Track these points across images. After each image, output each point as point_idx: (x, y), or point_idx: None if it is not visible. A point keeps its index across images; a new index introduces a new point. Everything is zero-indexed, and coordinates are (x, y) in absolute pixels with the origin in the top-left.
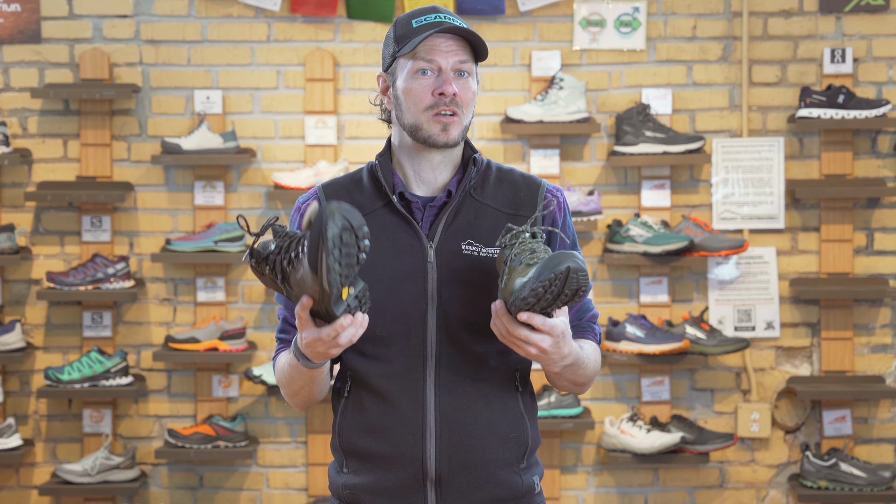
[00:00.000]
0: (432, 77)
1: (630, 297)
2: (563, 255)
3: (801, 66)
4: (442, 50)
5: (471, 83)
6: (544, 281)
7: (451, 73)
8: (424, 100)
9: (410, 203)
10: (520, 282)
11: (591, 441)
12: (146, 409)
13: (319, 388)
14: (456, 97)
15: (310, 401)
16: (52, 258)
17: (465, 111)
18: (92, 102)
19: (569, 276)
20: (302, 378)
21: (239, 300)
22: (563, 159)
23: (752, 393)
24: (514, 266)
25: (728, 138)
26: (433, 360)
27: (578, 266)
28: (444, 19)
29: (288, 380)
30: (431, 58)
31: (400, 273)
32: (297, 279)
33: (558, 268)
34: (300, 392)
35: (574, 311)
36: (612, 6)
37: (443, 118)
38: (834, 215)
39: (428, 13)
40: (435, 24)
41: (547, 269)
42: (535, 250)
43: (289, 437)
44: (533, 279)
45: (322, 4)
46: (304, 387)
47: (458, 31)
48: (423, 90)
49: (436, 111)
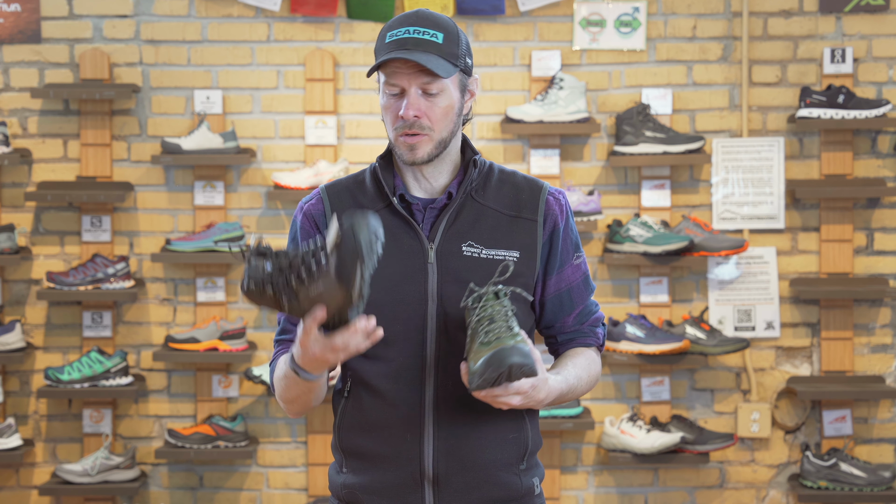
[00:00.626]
0: (398, 98)
1: (630, 297)
2: (506, 351)
3: (801, 66)
4: (404, 72)
5: (440, 101)
6: (489, 378)
7: (417, 93)
8: (392, 120)
9: (411, 205)
10: (472, 367)
11: (591, 441)
12: (146, 409)
13: (316, 397)
14: (420, 119)
15: (305, 409)
16: (52, 258)
17: (436, 128)
18: (92, 102)
19: (511, 372)
20: (299, 388)
21: (239, 300)
22: (563, 159)
23: (752, 393)
24: (474, 335)
25: (728, 138)
26: (433, 361)
27: (522, 362)
28: (412, 35)
29: (284, 389)
30: (394, 81)
31: (401, 274)
32: (313, 294)
33: (500, 367)
34: (296, 401)
35: (574, 315)
36: (612, 6)
37: (408, 140)
38: (834, 215)
39: (403, 24)
40: (398, 44)
41: (491, 366)
42: (494, 318)
43: (289, 437)
44: (479, 373)
45: (322, 4)
46: (300, 396)
47: (402, 57)
48: (392, 111)
49: (401, 132)
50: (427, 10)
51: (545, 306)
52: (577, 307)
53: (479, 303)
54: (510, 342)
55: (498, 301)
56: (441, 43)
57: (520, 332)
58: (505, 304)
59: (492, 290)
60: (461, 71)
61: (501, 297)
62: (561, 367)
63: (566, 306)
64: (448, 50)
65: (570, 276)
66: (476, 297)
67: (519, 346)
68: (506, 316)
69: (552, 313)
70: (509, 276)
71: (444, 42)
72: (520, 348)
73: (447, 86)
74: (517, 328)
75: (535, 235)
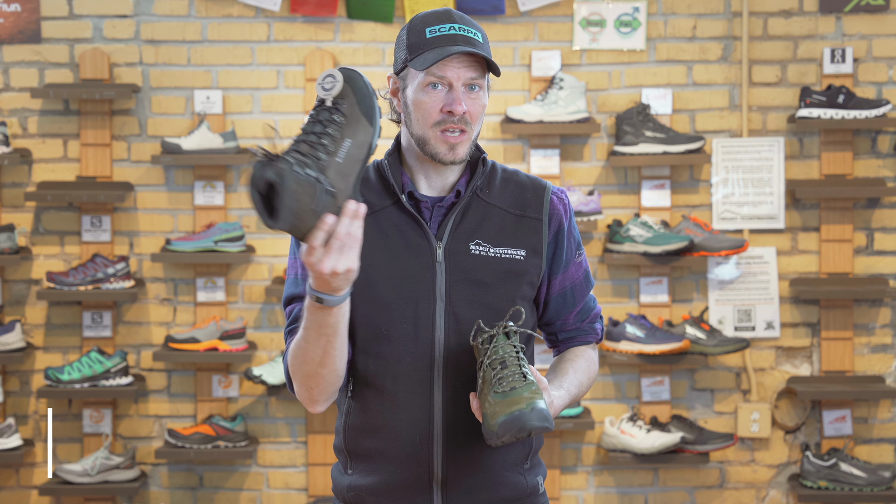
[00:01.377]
0: (442, 92)
1: (630, 297)
2: (525, 417)
3: (801, 66)
4: (454, 65)
5: (482, 97)
6: (509, 440)
7: (461, 88)
8: (433, 115)
9: (419, 202)
10: (490, 424)
11: (591, 441)
12: (146, 409)
13: (340, 353)
14: (465, 114)
15: (329, 378)
16: (52, 258)
17: (473, 126)
18: (92, 102)
19: (531, 434)
20: (323, 335)
21: (239, 300)
22: (563, 159)
23: (752, 393)
24: (486, 380)
25: (728, 138)
26: (441, 361)
27: (541, 426)
28: (459, 32)
29: (305, 351)
30: (443, 74)
31: (408, 272)
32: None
33: (521, 432)
34: (322, 363)
35: (576, 312)
36: (612, 6)
37: (450, 137)
38: (834, 215)
39: (443, 21)
40: (448, 39)
41: (511, 430)
42: (506, 362)
43: (289, 437)
44: (498, 434)
45: (322, 4)
46: (326, 349)
47: (472, 52)
48: (433, 106)
49: (443, 128)
50: (460, 12)
51: (549, 304)
52: (579, 304)
53: (489, 344)
54: (527, 395)
55: (508, 341)
56: (482, 42)
57: (533, 380)
58: (516, 343)
59: (503, 330)
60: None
61: (512, 336)
62: (562, 377)
63: (569, 304)
64: (487, 49)
65: (574, 273)
66: (487, 338)
67: (539, 408)
68: (517, 358)
69: (555, 311)
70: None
71: (483, 42)
72: (539, 410)
73: (485, 84)
74: (530, 373)
75: (540, 235)
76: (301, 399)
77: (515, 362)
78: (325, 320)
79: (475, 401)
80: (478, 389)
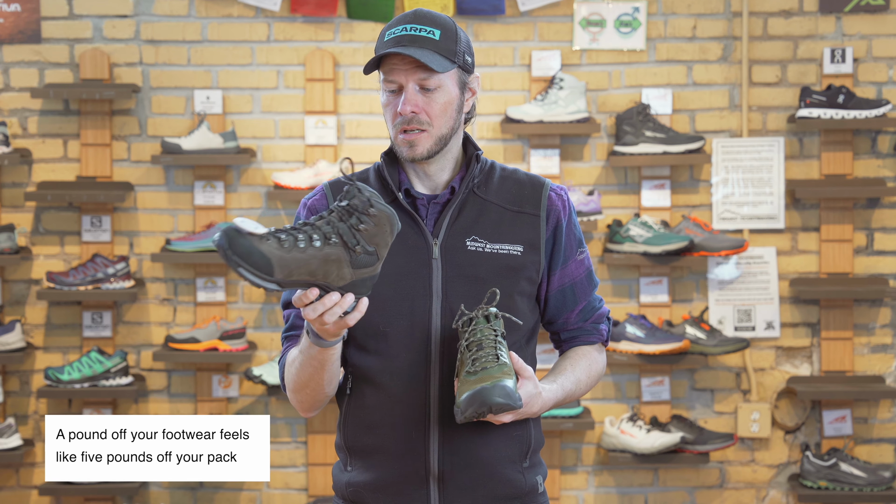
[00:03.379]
0: (395, 96)
1: (630, 297)
2: (487, 391)
3: (801, 66)
4: (401, 69)
5: (438, 96)
6: (471, 414)
7: (414, 89)
8: (392, 118)
9: (416, 200)
10: (458, 399)
11: (591, 441)
12: (146, 410)
13: (329, 379)
14: (418, 114)
15: (318, 396)
16: (52, 258)
17: (435, 124)
18: (92, 102)
19: (492, 409)
20: (312, 364)
21: (239, 300)
22: (563, 159)
23: (752, 393)
24: (462, 360)
25: (728, 138)
26: (437, 357)
27: (503, 403)
28: (408, 33)
29: (297, 371)
30: (392, 78)
31: (405, 269)
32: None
33: (482, 406)
34: (309, 383)
35: (577, 311)
36: (612, 6)
37: (407, 136)
38: (834, 215)
39: (401, 23)
40: (392, 42)
41: (474, 404)
42: (483, 344)
43: (289, 437)
44: (461, 409)
45: (322, 4)
46: (314, 375)
47: (406, 54)
48: (391, 108)
49: (401, 129)
50: (425, 10)
51: (549, 302)
52: (581, 302)
53: (469, 326)
54: (496, 375)
55: (488, 325)
56: (438, 39)
57: (507, 362)
58: (496, 327)
59: (482, 314)
60: (460, 68)
61: (492, 320)
62: (559, 373)
63: (570, 302)
64: (445, 46)
65: (574, 271)
66: (466, 321)
67: (502, 384)
68: (494, 342)
69: (556, 309)
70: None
71: (441, 39)
72: (503, 386)
73: (444, 81)
74: (505, 356)
75: (538, 230)
76: (292, 403)
77: (492, 344)
78: (315, 355)
79: (456, 382)
80: (456, 371)
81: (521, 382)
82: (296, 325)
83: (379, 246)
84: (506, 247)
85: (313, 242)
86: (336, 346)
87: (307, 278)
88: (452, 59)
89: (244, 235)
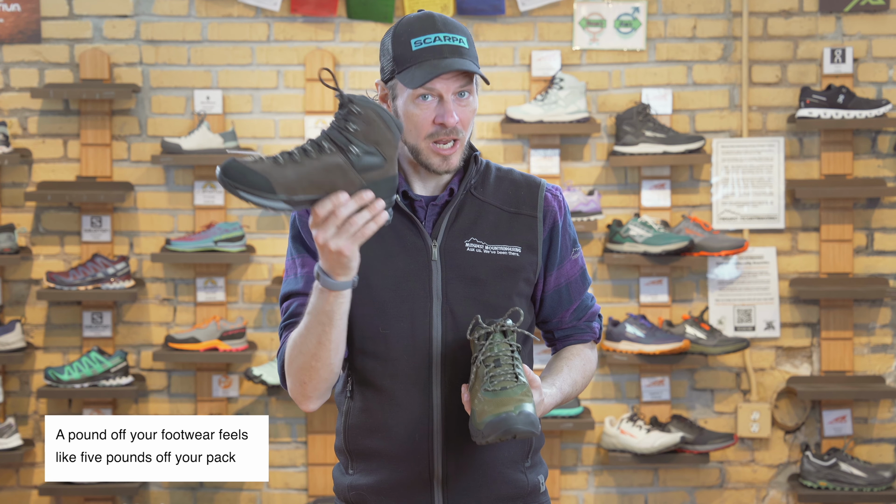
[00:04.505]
0: (433, 103)
1: (630, 297)
2: (512, 420)
3: (801, 66)
4: (443, 78)
5: (472, 102)
6: (494, 440)
7: (451, 98)
8: (425, 128)
9: (414, 202)
10: (477, 422)
11: (591, 441)
12: (146, 410)
13: (336, 346)
14: (457, 124)
15: (322, 373)
16: (52, 258)
17: (465, 133)
18: (92, 102)
19: (516, 437)
20: (321, 321)
21: (239, 300)
22: (563, 159)
23: (751, 393)
24: (478, 375)
25: (728, 138)
26: (438, 358)
27: (527, 430)
28: (445, 42)
29: (302, 341)
30: (432, 86)
31: (404, 271)
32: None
33: (506, 434)
34: (316, 353)
35: (572, 310)
36: (612, 6)
37: (442, 149)
38: (834, 215)
39: (427, 31)
40: (434, 52)
41: (497, 431)
42: (500, 361)
43: (289, 437)
44: (483, 434)
45: (322, 4)
46: (321, 339)
47: (459, 69)
48: (424, 118)
49: (436, 139)
50: (442, 15)
51: (544, 302)
52: (575, 302)
53: (485, 340)
54: (517, 397)
55: (505, 340)
56: (468, 48)
57: (525, 381)
58: (512, 342)
59: (500, 328)
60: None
61: (509, 335)
62: (555, 374)
63: (564, 301)
64: (472, 53)
65: (569, 270)
66: (483, 335)
67: (527, 412)
68: (511, 359)
69: (551, 308)
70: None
71: (469, 46)
72: (526, 415)
73: (475, 89)
74: (523, 374)
75: (535, 231)
76: (293, 395)
77: (509, 361)
78: (323, 306)
79: (466, 393)
80: (469, 383)
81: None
82: (296, 314)
83: (379, 144)
84: (504, 248)
85: (308, 155)
86: (347, 293)
87: (315, 193)
88: (478, 66)
89: (238, 162)
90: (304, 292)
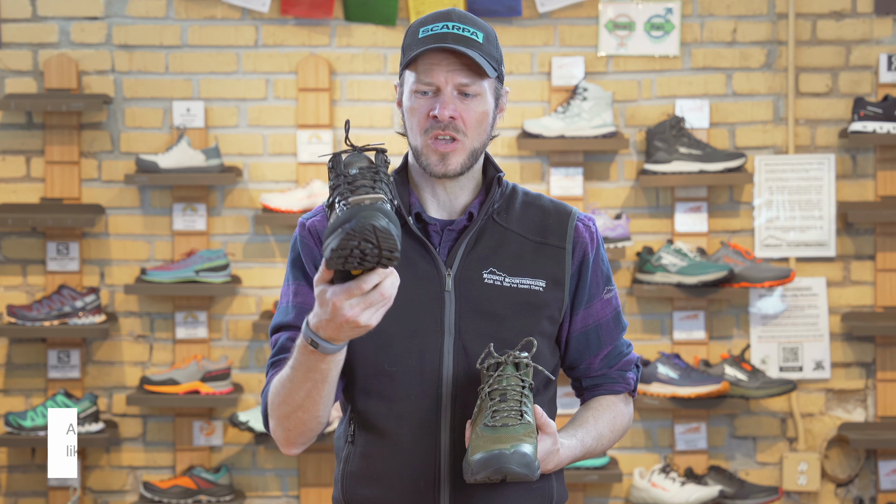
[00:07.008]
0: (432, 97)
1: (662, 334)
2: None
3: (854, 75)
4: (442, 68)
5: (476, 105)
6: (483, 479)
7: (452, 93)
8: (421, 122)
9: (427, 225)
10: (470, 457)
11: (619, 495)
12: (119, 460)
13: (327, 397)
14: (455, 121)
15: (309, 423)
16: (13, 290)
17: (469, 135)
18: (58, 115)
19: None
20: (313, 378)
21: (223, 337)
22: (586, 179)
23: (798, 441)
24: (482, 407)
25: (772, 155)
26: (449, 400)
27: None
28: (451, 31)
29: (290, 391)
30: (430, 79)
31: (414, 302)
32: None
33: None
34: (304, 404)
35: (602, 356)
36: (641, 7)
37: (440, 145)
38: (891, 242)
39: (439, 20)
40: (436, 38)
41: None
42: (507, 396)
43: (279, 491)
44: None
45: (316, 5)
46: (311, 393)
47: (457, 50)
48: (421, 111)
49: (432, 135)
50: (465, 12)
51: (570, 344)
52: (606, 347)
53: (494, 371)
54: (517, 436)
55: (516, 374)
56: (482, 43)
57: (530, 421)
58: (524, 378)
59: (512, 360)
60: (497, 79)
61: (522, 369)
62: (579, 426)
63: (593, 345)
64: (488, 51)
65: (599, 311)
66: (494, 365)
67: (522, 451)
68: (520, 395)
69: (577, 352)
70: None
71: (484, 42)
72: (522, 454)
73: (485, 89)
74: (529, 413)
75: (562, 264)
76: (275, 438)
77: (517, 398)
78: (316, 366)
79: (469, 429)
80: (472, 416)
81: (540, 437)
82: (285, 348)
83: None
84: (527, 281)
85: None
86: (343, 350)
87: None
88: (495, 67)
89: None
90: (295, 325)
